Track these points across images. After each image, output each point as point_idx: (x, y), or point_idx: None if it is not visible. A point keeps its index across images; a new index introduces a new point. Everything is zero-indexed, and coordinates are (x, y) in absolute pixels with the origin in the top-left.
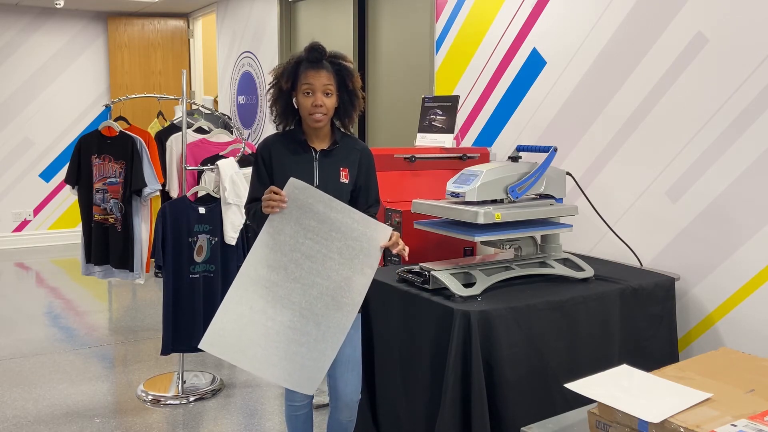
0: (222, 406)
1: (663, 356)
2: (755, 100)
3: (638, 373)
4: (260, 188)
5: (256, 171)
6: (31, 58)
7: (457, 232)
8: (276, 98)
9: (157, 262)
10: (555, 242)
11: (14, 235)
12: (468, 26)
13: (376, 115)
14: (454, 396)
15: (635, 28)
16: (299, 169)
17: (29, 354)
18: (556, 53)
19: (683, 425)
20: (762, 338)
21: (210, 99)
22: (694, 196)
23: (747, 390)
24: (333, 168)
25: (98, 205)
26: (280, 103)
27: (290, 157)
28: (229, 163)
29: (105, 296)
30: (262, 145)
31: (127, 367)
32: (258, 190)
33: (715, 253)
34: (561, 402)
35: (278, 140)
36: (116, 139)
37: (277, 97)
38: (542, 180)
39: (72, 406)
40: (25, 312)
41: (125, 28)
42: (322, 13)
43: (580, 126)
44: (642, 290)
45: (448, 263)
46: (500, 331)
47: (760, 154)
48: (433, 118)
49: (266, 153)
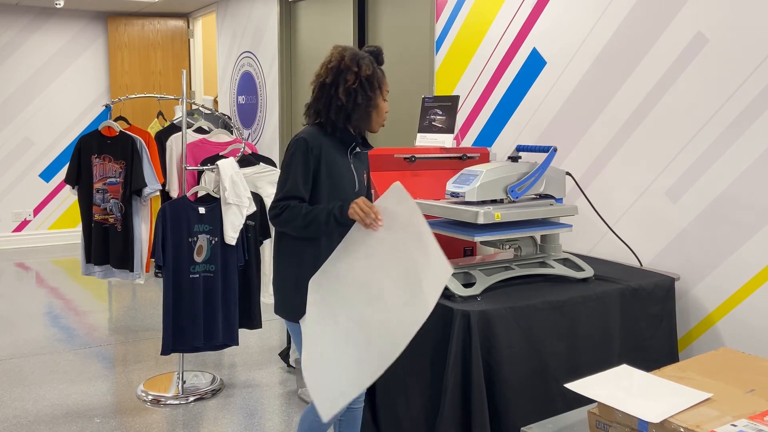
0: (222, 406)
1: (663, 356)
2: (755, 100)
3: (638, 373)
4: (303, 186)
5: (302, 166)
6: (31, 58)
7: (456, 232)
8: (364, 101)
9: (157, 262)
10: (555, 242)
11: (14, 235)
12: (468, 26)
13: None
14: (454, 396)
15: (635, 28)
16: (346, 173)
17: (29, 354)
18: (556, 53)
19: (683, 425)
20: (762, 338)
21: (210, 99)
22: (694, 196)
23: (747, 390)
24: (360, 171)
25: (98, 205)
26: (365, 105)
27: (337, 159)
28: (229, 163)
29: (105, 296)
30: (311, 138)
31: (127, 367)
32: (299, 187)
33: (715, 253)
34: (561, 402)
35: (324, 137)
36: (116, 139)
37: (369, 99)
38: (542, 180)
39: (72, 406)
40: (25, 312)
41: (125, 28)
42: (322, 13)
43: (580, 126)
44: (642, 290)
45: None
46: (500, 331)
47: (760, 154)
48: (433, 118)
49: (317, 149)
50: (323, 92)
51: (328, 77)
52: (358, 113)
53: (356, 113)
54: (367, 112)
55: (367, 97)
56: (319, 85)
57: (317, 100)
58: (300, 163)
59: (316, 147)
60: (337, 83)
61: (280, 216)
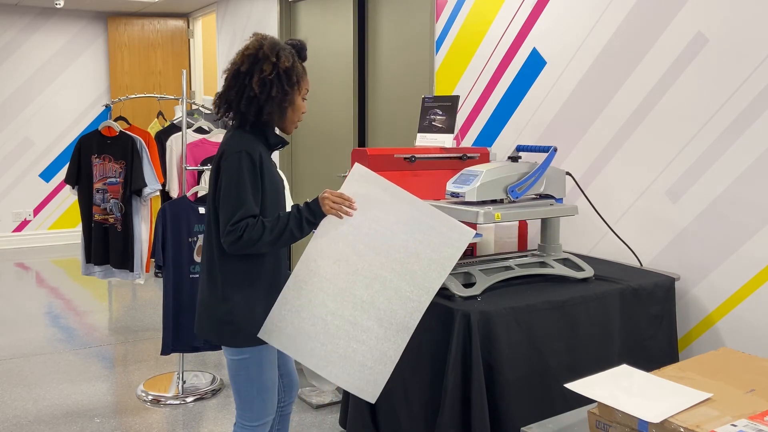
0: (222, 406)
1: (663, 356)
2: (755, 100)
3: (638, 373)
4: (255, 203)
5: (251, 183)
6: (31, 58)
7: None
8: (279, 95)
9: (157, 262)
10: (555, 242)
11: (14, 235)
12: (468, 26)
13: (376, 115)
14: (454, 396)
15: (635, 28)
16: (278, 178)
17: (29, 354)
18: (556, 53)
19: (683, 425)
20: (762, 338)
21: (210, 99)
22: (694, 196)
23: (747, 390)
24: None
25: (98, 205)
26: (279, 99)
27: (271, 166)
28: None
29: (105, 296)
30: (252, 149)
31: (127, 367)
32: (253, 206)
33: (715, 253)
34: (561, 402)
35: (256, 142)
36: (116, 139)
37: (285, 94)
38: (542, 180)
39: (72, 406)
40: (25, 312)
41: (125, 28)
42: (322, 13)
43: (580, 126)
44: (642, 290)
45: None
46: (500, 331)
47: (760, 154)
48: (433, 118)
49: (259, 161)
50: (236, 81)
51: (243, 65)
52: (270, 107)
53: (269, 106)
54: (282, 107)
55: (283, 91)
56: (233, 74)
57: (228, 89)
58: (248, 179)
59: (257, 159)
60: (252, 72)
61: (241, 239)
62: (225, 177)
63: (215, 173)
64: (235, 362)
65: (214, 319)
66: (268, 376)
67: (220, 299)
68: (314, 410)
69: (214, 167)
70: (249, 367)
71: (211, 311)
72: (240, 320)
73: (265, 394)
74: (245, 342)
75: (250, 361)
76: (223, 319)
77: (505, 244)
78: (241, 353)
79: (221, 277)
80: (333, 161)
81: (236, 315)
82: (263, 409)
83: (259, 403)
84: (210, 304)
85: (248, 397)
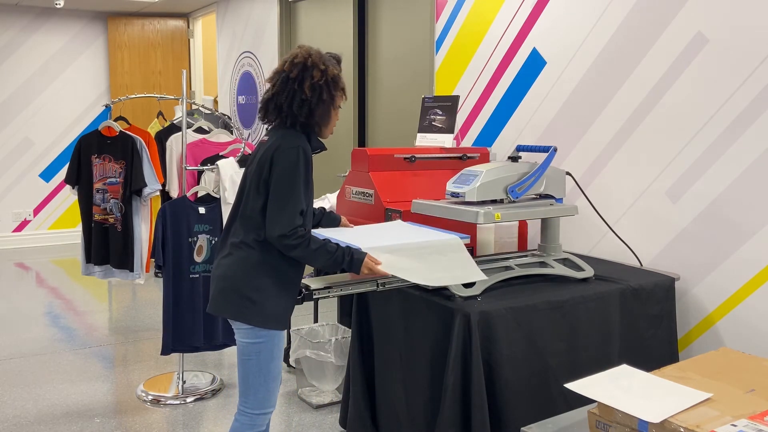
0: (222, 406)
1: (663, 356)
2: (755, 100)
3: (638, 373)
4: (305, 196)
5: (304, 175)
6: (31, 58)
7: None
8: (328, 98)
9: (157, 262)
10: (555, 242)
11: (14, 235)
12: (468, 26)
13: (376, 115)
14: (454, 396)
15: (635, 28)
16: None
17: (29, 354)
18: (556, 53)
19: (683, 425)
20: (762, 338)
21: (210, 99)
22: (694, 196)
23: (747, 390)
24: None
25: (98, 205)
26: (328, 103)
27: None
28: (229, 163)
29: (105, 296)
30: (305, 146)
31: (127, 367)
32: (303, 199)
33: (715, 253)
34: (561, 402)
35: (306, 142)
36: (116, 139)
37: (332, 98)
38: (542, 180)
39: (72, 406)
40: (25, 312)
41: (125, 28)
42: (322, 13)
43: (580, 126)
44: (642, 290)
45: None
46: (500, 331)
47: (760, 154)
48: (433, 118)
49: (310, 156)
50: (286, 86)
51: (292, 72)
52: (321, 109)
53: (320, 109)
54: (328, 111)
55: (330, 95)
56: (282, 80)
57: (278, 94)
58: (302, 173)
59: (309, 156)
60: (302, 78)
61: (294, 249)
62: (280, 167)
63: (268, 163)
64: (248, 346)
65: (237, 294)
66: (276, 364)
67: (250, 276)
68: (314, 410)
69: (264, 157)
70: (261, 352)
71: (235, 285)
72: (265, 300)
73: (272, 382)
74: (264, 323)
75: (263, 346)
76: (248, 296)
77: (505, 244)
78: (257, 337)
79: (257, 257)
80: (333, 161)
81: (263, 294)
82: (267, 399)
83: (264, 391)
84: (235, 277)
85: (255, 383)
